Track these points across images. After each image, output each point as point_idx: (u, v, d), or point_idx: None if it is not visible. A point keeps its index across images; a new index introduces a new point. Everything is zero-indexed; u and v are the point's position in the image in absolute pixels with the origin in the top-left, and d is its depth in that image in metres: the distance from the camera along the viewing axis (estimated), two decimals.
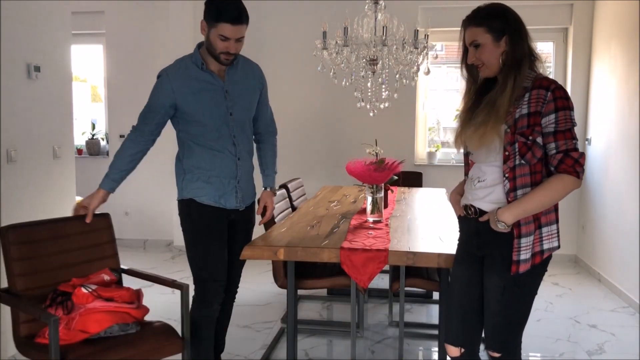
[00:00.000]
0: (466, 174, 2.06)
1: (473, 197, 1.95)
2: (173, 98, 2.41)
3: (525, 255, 1.83)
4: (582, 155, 1.79)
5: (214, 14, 2.31)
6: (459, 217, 2.07)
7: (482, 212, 1.91)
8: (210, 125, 2.44)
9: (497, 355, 1.93)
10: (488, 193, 1.90)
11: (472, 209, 1.95)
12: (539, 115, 1.79)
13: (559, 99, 1.78)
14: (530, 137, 1.79)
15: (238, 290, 2.78)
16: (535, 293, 1.92)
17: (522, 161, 1.81)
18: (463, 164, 2.10)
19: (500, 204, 1.87)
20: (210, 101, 2.43)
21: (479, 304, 1.97)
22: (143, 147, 2.50)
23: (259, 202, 2.73)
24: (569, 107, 1.79)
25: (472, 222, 1.96)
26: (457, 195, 2.09)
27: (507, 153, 1.83)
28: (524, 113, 1.80)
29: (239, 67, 2.53)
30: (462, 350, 2.01)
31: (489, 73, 1.89)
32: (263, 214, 2.72)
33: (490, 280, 1.91)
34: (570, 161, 1.78)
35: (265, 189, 2.71)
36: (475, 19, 1.87)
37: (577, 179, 1.79)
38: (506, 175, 1.84)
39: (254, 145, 2.73)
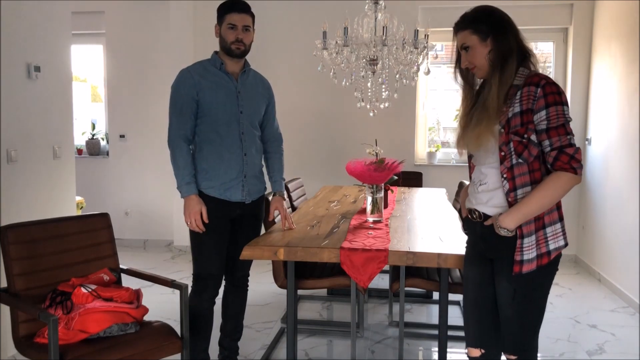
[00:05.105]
0: (471, 177, 2.06)
1: (477, 201, 1.94)
2: (195, 91, 2.55)
3: (528, 255, 1.81)
4: (578, 150, 1.76)
5: (222, 9, 2.58)
6: (465, 218, 2.07)
7: (487, 217, 1.90)
8: (222, 120, 2.58)
9: (513, 358, 1.93)
10: (490, 197, 1.89)
11: (477, 213, 1.94)
12: (531, 113, 1.77)
13: (549, 94, 1.75)
14: (525, 135, 1.78)
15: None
16: (547, 294, 1.90)
17: (520, 160, 1.80)
18: (465, 165, 2.10)
19: (503, 207, 1.86)
20: (225, 97, 2.59)
21: (493, 304, 1.96)
22: (190, 154, 2.59)
23: (268, 202, 2.85)
24: (561, 102, 1.76)
25: (477, 226, 1.96)
26: (466, 194, 2.09)
27: (503, 153, 1.82)
28: (516, 111, 1.79)
29: (250, 75, 2.72)
30: (482, 351, 1.99)
31: (483, 74, 1.90)
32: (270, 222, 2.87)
33: (501, 285, 1.90)
34: (566, 157, 1.75)
35: (274, 194, 2.81)
36: (462, 23, 1.90)
37: (575, 175, 1.75)
38: (504, 175, 1.83)
39: (262, 149, 2.85)
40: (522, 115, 1.78)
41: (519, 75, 1.84)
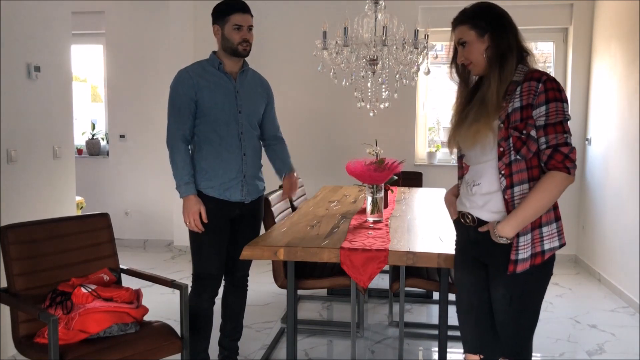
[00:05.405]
0: (460, 178, 2.01)
1: (471, 205, 1.90)
2: (194, 91, 2.55)
3: (523, 254, 1.78)
4: (573, 150, 1.73)
5: (224, 10, 2.55)
6: (455, 221, 2.03)
7: (481, 221, 1.86)
8: (221, 120, 2.58)
9: None
10: (486, 201, 1.84)
11: (470, 217, 1.90)
12: (530, 108, 1.74)
13: (550, 90, 1.73)
14: (524, 131, 1.75)
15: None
16: (542, 298, 1.88)
17: (518, 156, 1.76)
18: (460, 168, 2.04)
19: (500, 213, 1.82)
20: (223, 97, 2.59)
21: (488, 307, 1.92)
22: (188, 154, 2.60)
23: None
24: (562, 99, 1.73)
25: (470, 230, 1.92)
26: (452, 197, 2.05)
27: (501, 149, 1.78)
28: (516, 107, 1.76)
29: (249, 75, 2.72)
30: (481, 356, 1.96)
31: (478, 71, 1.87)
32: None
33: (497, 291, 1.87)
34: (560, 157, 1.72)
35: (286, 174, 2.86)
36: (460, 18, 1.88)
37: (568, 175, 1.72)
38: (502, 172, 1.79)
39: (265, 150, 2.87)
40: (522, 111, 1.75)
41: (518, 71, 1.82)
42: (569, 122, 1.76)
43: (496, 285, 1.87)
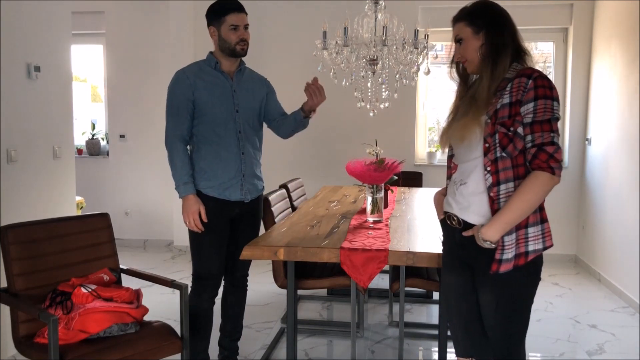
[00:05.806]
0: (448, 178, 1.99)
1: (458, 206, 1.87)
2: (191, 91, 2.56)
3: (507, 254, 1.75)
4: (558, 149, 1.68)
5: (219, 11, 2.55)
6: (441, 221, 2.01)
7: (466, 224, 1.84)
8: (219, 119, 2.58)
9: None
10: (471, 202, 1.82)
11: (456, 219, 1.88)
12: (519, 104, 1.71)
13: (540, 87, 1.69)
14: (512, 128, 1.71)
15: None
16: (531, 303, 1.85)
17: (504, 154, 1.73)
18: (449, 167, 2.01)
19: (485, 216, 1.79)
20: (220, 96, 2.60)
21: (478, 310, 1.90)
22: (187, 154, 2.61)
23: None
24: (552, 97, 1.69)
25: (456, 232, 1.89)
26: (440, 196, 2.03)
27: (487, 145, 1.75)
28: (505, 103, 1.73)
29: (246, 73, 2.73)
30: None
31: (473, 68, 1.86)
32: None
33: (484, 296, 1.85)
34: (544, 156, 1.68)
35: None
36: (459, 15, 1.87)
37: (553, 175, 1.68)
38: (488, 168, 1.76)
39: (276, 129, 2.83)
40: (511, 107, 1.72)
41: (512, 69, 1.80)
42: (558, 121, 1.73)
43: (483, 289, 1.85)
